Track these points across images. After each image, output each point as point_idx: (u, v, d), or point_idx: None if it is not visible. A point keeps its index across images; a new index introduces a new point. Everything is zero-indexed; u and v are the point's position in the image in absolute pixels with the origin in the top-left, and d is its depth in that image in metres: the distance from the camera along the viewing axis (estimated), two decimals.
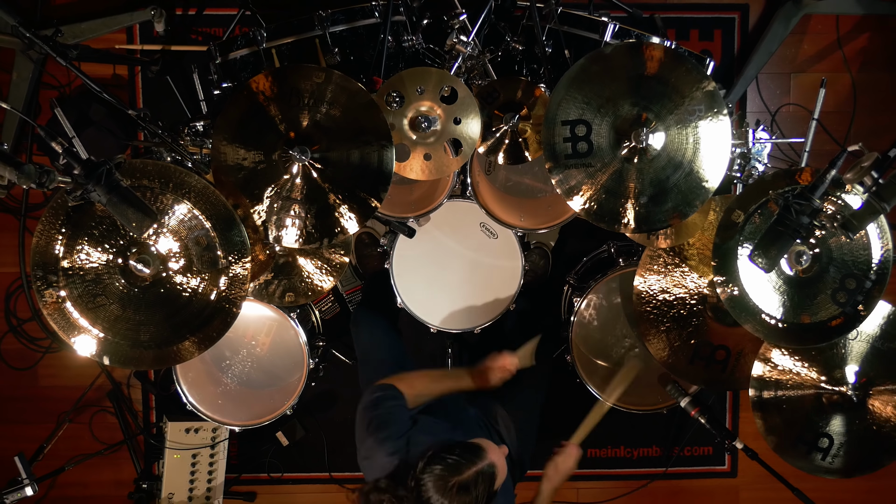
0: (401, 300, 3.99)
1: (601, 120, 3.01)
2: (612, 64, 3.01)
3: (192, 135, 3.61)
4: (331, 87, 2.98)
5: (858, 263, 3.12)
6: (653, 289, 3.64)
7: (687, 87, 2.98)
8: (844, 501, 4.98)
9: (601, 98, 3.01)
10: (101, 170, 2.51)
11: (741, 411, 4.89)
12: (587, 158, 3.03)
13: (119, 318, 3.00)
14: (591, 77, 3.01)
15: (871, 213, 2.67)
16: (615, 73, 3.01)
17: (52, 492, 4.86)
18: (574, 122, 3.01)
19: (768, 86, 4.66)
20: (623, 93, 3.01)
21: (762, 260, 2.85)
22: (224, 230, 2.97)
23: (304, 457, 4.81)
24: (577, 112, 3.01)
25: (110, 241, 2.94)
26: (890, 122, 4.69)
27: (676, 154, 3.02)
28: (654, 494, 4.95)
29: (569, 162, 3.03)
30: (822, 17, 4.58)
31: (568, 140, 3.01)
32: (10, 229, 4.64)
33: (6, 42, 4.18)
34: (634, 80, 3.01)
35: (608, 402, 3.82)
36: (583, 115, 3.01)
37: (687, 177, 3.03)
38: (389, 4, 3.40)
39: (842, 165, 2.71)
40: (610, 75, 3.01)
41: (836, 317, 3.15)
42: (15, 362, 4.76)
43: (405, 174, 3.26)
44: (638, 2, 4.52)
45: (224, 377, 4.13)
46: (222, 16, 4.49)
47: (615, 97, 3.01)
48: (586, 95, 3.00)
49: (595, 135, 3.02)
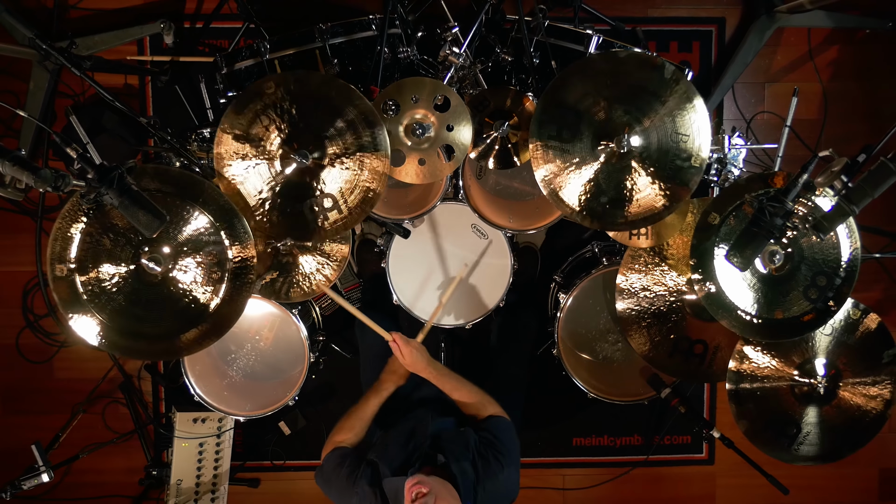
0: (396, 298, 3.98)
1: (591, 117, 3.02)
2: (621, 69, 3.03)
3: (199, 141, 3.62)
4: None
5: (829, 262, 3.13)
6: (634, 286, 3.64)
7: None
8: (815, 487, 4.99)
9: (598, 96, 3.03)
10: (114, 174, 2.51)
11: (718, 402, 4.90)
12: (567, 144, 3.04)
13: (129, 313, 3.00)
14: (598, 73, 3.03)
15: (840, 214, 2.68)
16: (618, 78, 3.03)
17: (67, 478, 4.85)
18: (568, 108, 3.03)
19: (744, 95, 4.66)
20: (619, 98, 3.03)
21: (737, 259, 2.85)
22: (230, 231, 2.97)
23: (306, 445, 4.81)
24: (574, 99, 3.03)
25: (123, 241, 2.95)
26: (859, 129, 4.69)
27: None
28: (635, 481, 4.95)
29: (549, 143, 3.05)
30: (795, 30, 4.59)
31: (557, 121, 3.04)
32: (27, 230, 4.64)
33: (24, 53, 4.18)
34: (633, 89, 3.03)
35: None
36: (578, 103, 3.03)
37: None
38: (386, 18, 3.40)
39: (813, 170, 2.72)
40: (612, 78, 3.03)
41: (808, 312, 3.16)
42: (32, 356, 4.75)
43: (400, 178, 3.26)
44: (621, 15, 4.52)
45: (229, 370, 4.12)
46: (228, 29, 4.48)
47: (611, 99, 3.03)
48: (587, 88, 3.02)
49: (583, 125, 3.03)
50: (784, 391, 3.40)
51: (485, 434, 3.24)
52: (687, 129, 3.02)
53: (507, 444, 3.22)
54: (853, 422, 3.42)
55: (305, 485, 4.90)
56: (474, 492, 3.02)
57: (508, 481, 3.14)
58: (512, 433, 3.30)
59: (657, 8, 4.62)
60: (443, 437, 3.26)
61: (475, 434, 3.24)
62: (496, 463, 3.12)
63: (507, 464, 3.13)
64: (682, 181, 3.04)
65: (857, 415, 3.42)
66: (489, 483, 3.08)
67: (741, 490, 5.00)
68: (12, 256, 4.69)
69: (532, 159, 3.07)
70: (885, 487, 5.03)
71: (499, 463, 3.12)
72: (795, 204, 2.76)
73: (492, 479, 3.09)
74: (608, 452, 4.94)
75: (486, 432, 3.25)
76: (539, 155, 3.05)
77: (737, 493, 5.01)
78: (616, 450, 4.94)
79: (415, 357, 3.46)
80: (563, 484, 4.97)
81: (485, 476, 3.08)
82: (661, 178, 3.05)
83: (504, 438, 3.23)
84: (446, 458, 3.07)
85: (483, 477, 3.08)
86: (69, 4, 4.45)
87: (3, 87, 4.49)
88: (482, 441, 3.20)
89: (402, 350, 3.45)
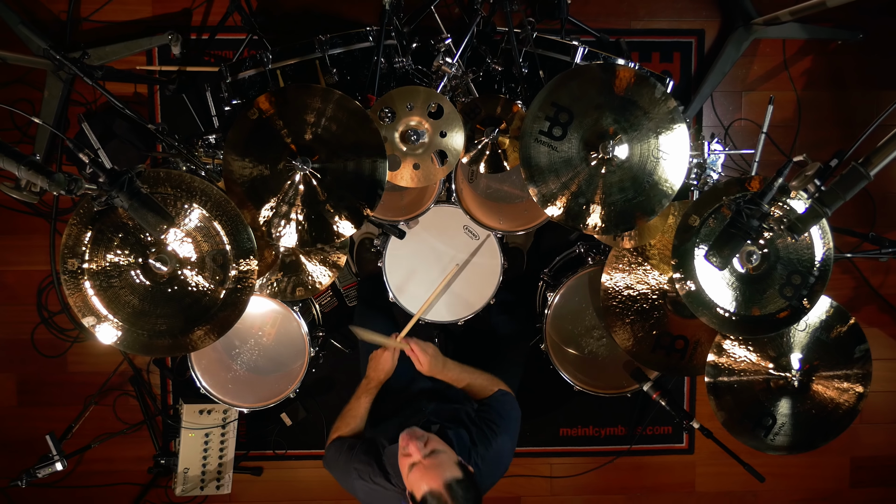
0: (392, 295, 3.97)
1: (581, 120, 3.02)
2: (612, 80, 3.04)
3: (205, 147, 3.61)
4: (330, 105, 3.00)
5: (803, 261, 3.13)
6: (618, 285, 3.64)
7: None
8: (790, 475, 4.99)
9: (591, 102, 3.03)
10: (124, 178, 2.51)
11: (698, 395, 4.89)
12: (556, 142, 3.04)
13: (139, 311, 3.01)
14: (593, 81, 3.03)
15: (814, 216, 2.67)
16: (606, 88, 3.03)
17: (79, 467, 4.84)
18: (561, 108, 3.03)
19: (722, 102, 4.65)
20: (609, 106, 3.03)
21: (716, 259, 2.85)
22: (235, 234, 2.97)
23: (306, 435, 4.80)
24: (567, 100, 3.03)
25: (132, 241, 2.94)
26: (831, 135, 4.69)
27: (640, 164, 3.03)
28: (619, 469, 4.95)
29: (540, 137, 3.05)
30: (771, 41, 4.59)
31: (548, 119, 3.03)
32: (41, 231, 4.63)
33: (38, 63, 4.17)
34: (619, 100, 3.03)
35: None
36: (571, 105, 3.03)
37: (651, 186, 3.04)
38: (382, 30, 3.39)
39: (788, 174, 2.71)
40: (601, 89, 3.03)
41: (784, 309, 3.16)
42: (46, 351, 4.74)
43: (396, 182, 3.26)
44: (605, 27, 4.52)
45: (234, 364, 4.11)
46: (232, 40, 4.47)
47: (603, 106, 3.03)
48: (578, 92, 3.03)
49: (573, 127, 3.03)
50: (760, 384, 3.40)
51: (484, 406, 3.28)
52: (668, 149, 3.04)
53: (504, 414, 3.24)
54: (826, 414, 3.42)
55: (306, 472, 4.89)
56: (468, 457, 3.02)
57: (502, 448, 3.15)
58: (511, 405, 3.32)
59: (640, 20, 4.61)
60: (438, 411, 3.27)
61: (475, 407, 3.26)
62: (490, 431, 3.12)
63: (500, 432, 3.14)
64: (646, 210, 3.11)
65: (831, 407, 3.42)
66: (482, 448, 3.08)
67: (719, 478, 4.99)
68: (27, 256, 4.68)
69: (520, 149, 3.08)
70: (856, 475, 5.03)
71: (493, 431, 3.12)
72: (771, 206, 2.75)
73: (485, 445, 3.09)
74: (593, 442, 4.94)
75: (486, 405, 3.28)
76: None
77: (715, 480, 5.01)
78: (601, 440, 4.94)
79: (431, 363, 3.45)
80: (551, 472, 4.96)
81: (479, 441, 3.09)
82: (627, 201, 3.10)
83: (501, 409, 3.25)
84: (444, 426, 3.07)
85: (478, 442, 3.09)
86: (82, 17, 4.45)
87: (19, 96, 4.48)
88: (480, 411, 3.23)
89: (420, 358, 3.44)
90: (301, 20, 4.49)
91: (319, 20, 4.48)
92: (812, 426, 3.43)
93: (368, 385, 3.55)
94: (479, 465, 3.03)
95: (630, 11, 4.61)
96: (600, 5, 4.58)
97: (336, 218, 3.06)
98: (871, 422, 4.94)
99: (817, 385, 3.40)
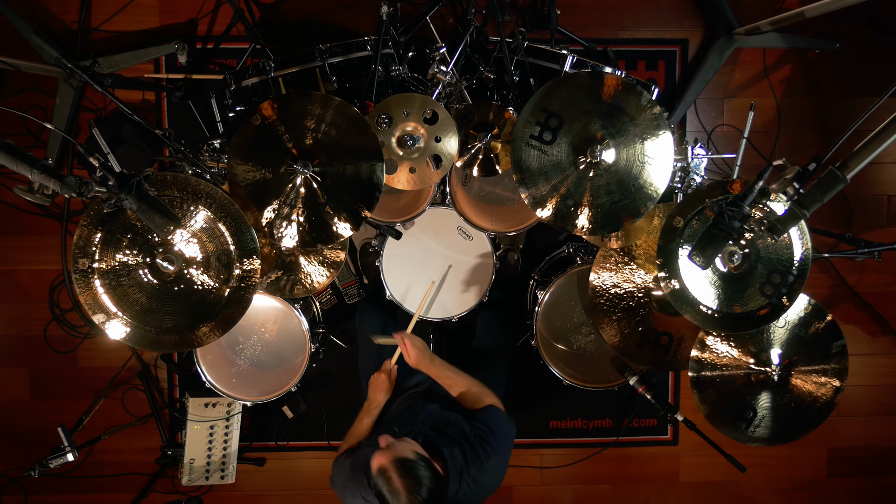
0: (389, 293, 3.97)
1: (570, 125, 3.02)
2: (599, 88, 3.03)
3: (210, 151, 3.61)
4: (330, 111, 3.00)
5: (782, 261, 3.12)
6: (606, 283, 3.63)
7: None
8: (770, 466, 4.99)
9: (580, 108, 3.03)
10: (133, 181, 2.51)
11: (682, 388, 4.89)
12: (546, 147, 3.03)
13: (147, 309, 3.00)
14: (581, 88, 3.03)
15: (793, 218, 2.67)
16: (594, 95, 3.03)
17: (89, 458, 4.84)
18: (551, 114, 3.03)
19: (705, 109, 4.65)
20: (596, 112, 3.03)
21: (699, 259, 2.84)
22: (238, 235, 2.97)
23: (307, 427, 4.79)
24: (557, 107, 3.03)
25: (140, 242, 2.94)
26: (809, 140, 4.69)
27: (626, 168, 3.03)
28: (607, 460, 4.95)
29: (531, 142, 3.05)
30: (752, 50, 4.59)
31: (539, 124, 3.03)
32: (53, 232, 4.62)
33: (50, 71, 4.17)
34: (607, 107, 3.03)
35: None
36: (561, 111, 3.03)
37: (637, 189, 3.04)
38: (380, 39, 3.40)
39: (768, 177, 2.71)
40: (590, 95, 3.03)
41: (764, 307, 3.15)
42: (58, 346, 4.73)
43: (393, 185, 3.26)
44: (593, 37, 4.51)
45: (237, 359, 4.11)
46: (236, 49, 4.47)
47: (591, 112, 3.03)
48: (568, 99, 3.03)
49: (562, 132, 3.03)
50: (741, 378, 3.40)
51: (478, 423, 3.20)
52: (653, 154, 3.04)
53: (498, 433, 3.18)
54: (805, 407, 3.42)
55: (307, 463, 4.89)
56: (459, 476, 2.99)
57: (493, 469, 3.10)
58: (504, 423, 3.26)
59: (626, 30, 4.61)
60: (435, 426, 3.25)
61: (468, 423, 3.22)
62: (483, 451, 3.08)
63: (493, 453, 3.09)
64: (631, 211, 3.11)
65: (809, 401, 3.42)
66: (475, 469, 3.04)
67: (702, 468, 4.99)
68: (40, 256, 4.67)
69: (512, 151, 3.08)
70: (833, 466, 5.03)
71: (485, 451, 3.08)
72: (752, 208, 2.75)
73: (477, 466, 3.05)
74: (581, 434, 4.94)
75: (480, 422, 3.21)
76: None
77: (698, 470, 5.01)
78: (589, 432, 4.93)
79: (419, 356, 3.47)
80: (541, 462, 4.96)
81: (472, 462, 3.05)
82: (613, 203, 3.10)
83: (495, 428, 3.19)
84: (438, 443, 3.06)
85: (470, 463, 3.05)
86: (92, 27, 4.44)
87: (32, 102, 4.48)
88: (474, 430, 3.16)
89: (410, 350, 3.47)
90: (302, 30, 4.48)
91: (320, 30, 4.47)
92: (791, 419, 3.43)
93: (370, 407, 3.58)
94: (469, 486, 3.01)
95: (617, 22, 4.61)
96: (588, 16, 4.57)
97: (336, 219, 3.06)
98: (848, 414, 4.94)
99: (796, 379, 3.40)
